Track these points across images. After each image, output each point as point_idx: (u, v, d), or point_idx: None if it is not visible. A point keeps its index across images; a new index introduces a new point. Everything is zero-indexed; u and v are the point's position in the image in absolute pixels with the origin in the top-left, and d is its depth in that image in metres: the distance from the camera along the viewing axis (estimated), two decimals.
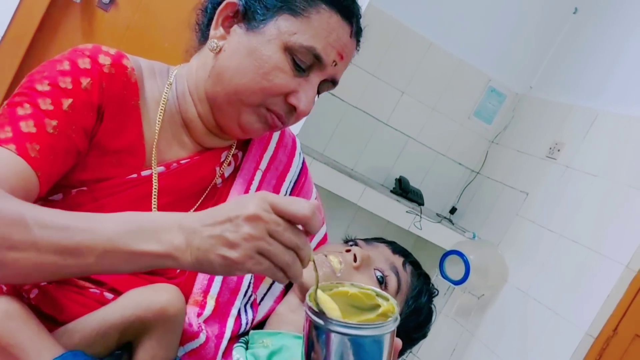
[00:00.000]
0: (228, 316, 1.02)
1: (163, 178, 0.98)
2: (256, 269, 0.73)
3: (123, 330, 0.83)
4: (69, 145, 0.89)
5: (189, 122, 1.03)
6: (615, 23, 2.83)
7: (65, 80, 0.90)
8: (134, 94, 0.97)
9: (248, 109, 0.98)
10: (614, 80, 2.69)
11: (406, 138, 3.18)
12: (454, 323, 2.96)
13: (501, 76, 3.22)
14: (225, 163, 1.07)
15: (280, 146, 1.16)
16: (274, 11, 0.95)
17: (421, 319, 1.18)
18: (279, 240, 0.73)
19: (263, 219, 0.72)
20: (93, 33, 2.27)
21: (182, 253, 0.74)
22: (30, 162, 0.84)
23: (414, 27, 3.05)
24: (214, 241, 0.73)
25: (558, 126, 2.85)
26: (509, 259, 2.76)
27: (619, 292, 2.25)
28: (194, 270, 0.77)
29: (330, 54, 0.97)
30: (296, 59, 0.95)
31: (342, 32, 0.98)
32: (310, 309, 0.72)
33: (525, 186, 2.88)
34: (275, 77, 0.95)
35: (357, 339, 0.70)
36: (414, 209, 2.84)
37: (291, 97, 0.97)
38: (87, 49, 0.94)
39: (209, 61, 1.00)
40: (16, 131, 0.84)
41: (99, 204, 0.93)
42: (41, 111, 0.87)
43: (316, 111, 2.41)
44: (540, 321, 2.46)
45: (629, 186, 2.34)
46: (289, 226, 0.74)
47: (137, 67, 0.99)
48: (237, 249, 0.72)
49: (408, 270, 1.17)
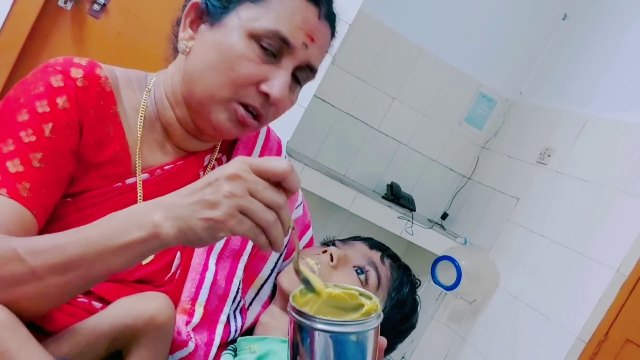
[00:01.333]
0: (217, 323, 1.02)
1: (147, 185, 0.98)
2: (238, 228, 0.72)
3: (112, 339, 0.83)
4: (58, 174, 0.90)
5: (168, 126, 1.02)
6: (604, 29, 2.85)
7: (42, 104, 0.89)
8: (111, 103, 0.96)
9: (218, 106, 0.95)
10: (603, 85, 2.70)
11: (397, 144, 3.19)
12: (446, 328, 2.96)
13: (491, 82, 3.23)
14: (209, 167, 1.07)
15: (265, 150, 1.16)
16: (234, 2, 0.94)
17: (406, 310, 1.17)
18: (260, 198, 0.73)
19: (243, 177, 0.73)
20: (84, 40, 2.27)
21: (164, 228, 0.74)
22: (23, 203, 0.84)
23: (404, 34, 3.06)
24: (194, 207, 0.73)
25: (548, 132, 2.87)
26: (501, 264, 2.77)
27: (610, 296, 2.26)
28: (178, 245, 0.76)
29: (297, 35, 0.94)
30: (263, 44, 0.93)
31: (309, 13, 0.95)
32: (294, 308, 0.72)
33: (516, 191, 2.90)
34: (242, 67, 0.92)
35: (341, 336, 0.70)
36: (406, 215, 2.84)
37: (262, 84, 0.94)
38: (59, 63, 0.93)
39: (182, 64, 0.99)
40: (4, 173, 0.84)
41: (83, 214, 0.93)
42: (25, 145, 0.86)
43: (307, 117, 2.42)
44: (532, 326, 2.46)
45: (619, 191, 2.35)
46: (268, 185, 0.74)
47: (112, 76, 0.98)
48: (219, 207, 0.72)
49: (387, 264, 1.17)
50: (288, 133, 2.35)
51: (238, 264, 1.07)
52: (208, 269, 1.02)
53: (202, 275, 1.01)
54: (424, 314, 3.08)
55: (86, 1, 2.24)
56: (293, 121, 2.35)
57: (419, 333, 3.07)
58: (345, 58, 2.95)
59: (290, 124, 2.35)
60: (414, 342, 3.08)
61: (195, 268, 1.01)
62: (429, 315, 3.07)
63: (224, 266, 1.05)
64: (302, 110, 2.35)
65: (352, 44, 2.84)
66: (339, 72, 2.99)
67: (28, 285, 0.75)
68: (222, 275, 1.04)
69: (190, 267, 1.01)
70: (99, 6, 2.23)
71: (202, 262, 1.02)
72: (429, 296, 3.04)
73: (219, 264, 1.04)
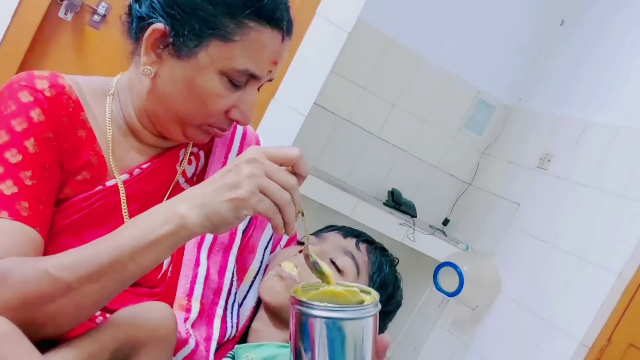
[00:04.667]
0: (214, 316, 1.03)
1: (129, 185, 0.99)
2: (260, 206, 0.79)
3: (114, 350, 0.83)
4: (49, 186, 0.91)
5: (136, 131, 1.03)
6: (602, 34, 2.86)
7: (18, 121, 0.90)
8: (79, 109, 0.97)
9: (191, 127, 0.99)
10: (602, 90, 2.71)
11: (398, 150, 3.20)
12: (449, 335, 2.95)
13: (490, 88, 3.24)
14: (185, 161, 1.08)
15: (244, 143, 1.17)
16: (203, 38, 0.93)
17: (390, 290, 1.19)
18: (276, 179, 0.80)
19: (260, 161, 0.80)
20: (84, 51, 2.27)
21: (189, 218, 0.79)
22: (27, 222, 0.86)
23: (403, 41, 3.07)
24: (218, 191, 0.79)
25: (548, 137, 2.87)
26: (502, 270, 2.77)
27: (612, 301, 2.25)
28: (204, 232, 0.81)
29: (264, 67, 0.96)
30: (232, 79, 0.95)
31: (274, 42, 0.96)
32: (294, 298, 0.75)
33: (517, 197, 2.90)
34: (213, 103, 0.96)
35: (339, 322, 0.72)
36: (407, 221, 2.85)
37: (231, 112, 0.98)
38: (22, 79, 0.94)
39: (144, 81, 0.99)
40: (0, 196, 0.86)
41: (71, 221, 0.94)
42: (13, 166, 0.88)
43: (308, 125, 2.42)
44: (535, 331, 2.46)
45: (620, 195, 2.35)
46: (283, 169, 0.81)
47: (75, 83, 0.99)
48: (241, 185, 0.79)
49: (363, 249, 1.18)
50: (289, 140, 2.35)
51: (229, 257, 1.09)
52: (200, 264, 1.04)
53: (194, 270, 1.03)
54: (426, 321, 3.07)
55: (86, 12, 2.25)
56: (293, 129, 2.36)
57: (422, 340, 3.07)
58: (345, 66, 2.95)
59: (291, 132, 2.36)
60: (416, 349, 3.07)
61: (187, 264, 1.03)
62: (431, 322, 3.07)
63: (215, 260, 1.07)
64: (303, 118, 2.36)
65: (351, 52, 2.84)
66: (339, 79, 3.00)
67: (63, 299, 0.77)
68: (214, 269, 1.06)
69: (182, 264, 1.03)
70: (99, 17, 2.24)
71: (193, 257, 1.04)
72: (432, 303, 3.03)
73: (210, 259, 1.06)
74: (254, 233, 1.17)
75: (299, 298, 0.74)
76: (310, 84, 2.34)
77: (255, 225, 1.17)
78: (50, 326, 0.79)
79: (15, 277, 0.77)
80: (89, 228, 0.95)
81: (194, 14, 0.92)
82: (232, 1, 0.92)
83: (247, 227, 1.16)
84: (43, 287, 0.77)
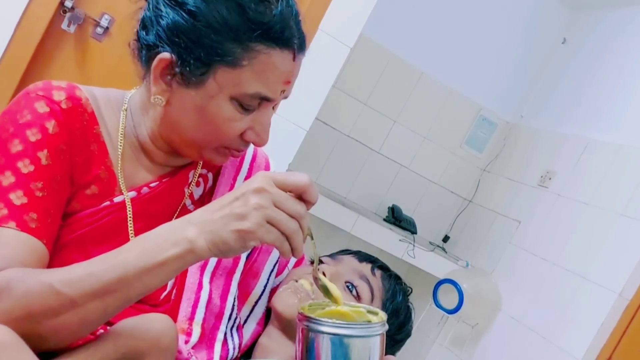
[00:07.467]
0: (215, 341, 1.02)
1: (136, 203, 0.99)
2: (267, 237, 0.78)
3: None
4: (58, 199, 0.91)
5: (147, 150, 1.03)
6: (603, 53, 2.87)
7: (33, 132, 0.90)
8: (93, 123, 0.97)
9: (208, 150, 0.99)
10: (604, 109, 2.72)
11: (398, 166, 3.20)
12: (449, 353, 2.93)
13: (492, 105, 3.25)
14: (193, 183, 1.07)
15: (253, 167, 1.17)
16: (210, 65, 0.91)
17: (401, 318, 1.18)
18: (284, 208, 0.79)
19: (268, 190, 0.79)
20: (86, 63, 2.28)
21: (197, 243, 0.78)
22: (34, 234, 0.85)
23: (405, 57, 3.08)
24: (225, 220, 0.78)
25: (549, 155, 2.87)
26: (502, 288, 2.76)
27: (613, 320, 2.24)
28: (212, 257, 0.81)
29: (276, 89, 0.94)
30: (244, 104, 0.94)
31: (285, 62, 0.93)
32: (302, 315, 0.75)
33: (518, 214, 2.89)
34: (228, 128, 0.95)
35: (347, 339, 0.72)
36: (407, 238, 2.84)
37: (246, 134, 0.97)
38: (39, 88, 0.94)
39: (157, 108, 0.98)
40: (10, 206, 0.85)
41: (77, 235, 0.94)
42: (24, 176, 0.87)
43: (309, 140, 2.43)
44: (535, 350, 2.44)
45: (621, 214, 2.35)
46: (291, 197, 0.80)
47: (92, 96, 0.98)
48: (248, 218, 0.78)
49: (378, 275, 1.18)
50: (290, 155, 2.35)
51: (231, 282, 1.08)
52: (202, 287, 1.03)
53: (197, 294, 1.02)
54: (425, 338, 3.05)
55: (89, 24, 2.26)
56: (295, 144, 2.36)
57: (421, 358, 3.05)
58: (347, 81, 2.96)
59: (292, 147, 2.36)
60: None
61: (190, 287, 1.02)
62: (430, 340, 3.05)
63: (217, 284, 1.06)
64: (304, 133, 2.36)
65: (353, 68, 2.86)
66: (340, 95, 3.00)
67: (67, 314, 0.77)
68: (216, 293, 1.05)
69: (185, 287, 1.02)
70: (102, 29, 2.25)
71: (196, 281, 1.03)
72: (431, 320, 3.02)
73: (212, 283, 1.05)
74: (258, 257, 1.16)
75: (307, 314, 0.73)
76: (312, 99, 2.35)
77: (261, 249, 1.17)
78: (53, 339, 0.79)
79: (19, 288, 0.77)
80: (94, 243, 0.94)
81: (199, 42, 0.90)
82: (237, 26, 0.90)
83: (252, 252, 1.15)
84: (47, 301, 0.77)
